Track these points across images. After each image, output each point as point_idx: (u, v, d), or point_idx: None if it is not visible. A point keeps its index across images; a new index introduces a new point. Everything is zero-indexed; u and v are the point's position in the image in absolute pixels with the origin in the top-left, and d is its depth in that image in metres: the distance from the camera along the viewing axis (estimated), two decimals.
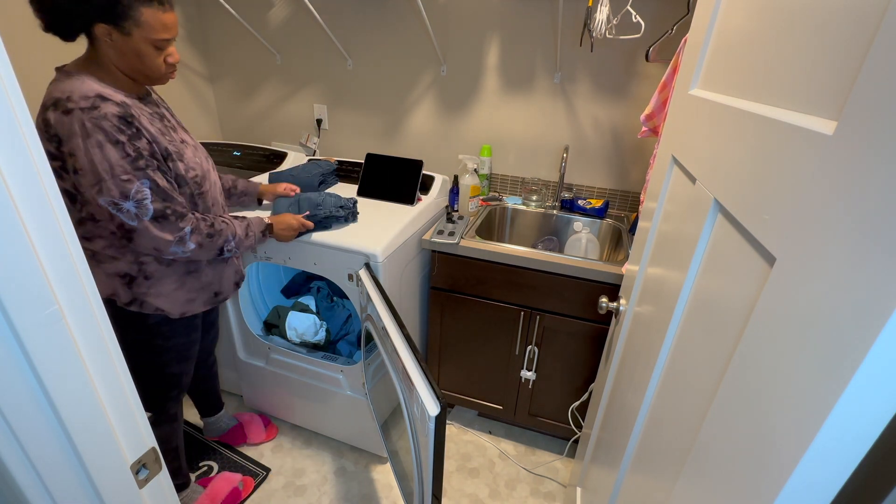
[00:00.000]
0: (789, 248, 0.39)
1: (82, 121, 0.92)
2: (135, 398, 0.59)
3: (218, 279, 1.24)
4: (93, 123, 0.93)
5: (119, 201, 0.96)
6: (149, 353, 1.21)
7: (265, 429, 1.78)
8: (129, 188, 0.96)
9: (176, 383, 1.30)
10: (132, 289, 1.10)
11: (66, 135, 0.92)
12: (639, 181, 1.77)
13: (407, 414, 0.99)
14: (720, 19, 0.69)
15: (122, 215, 0.98)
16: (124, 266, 1.07)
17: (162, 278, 1.12)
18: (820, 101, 0.39)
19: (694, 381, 0.59)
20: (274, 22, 1.98)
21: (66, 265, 0.47)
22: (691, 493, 0.53)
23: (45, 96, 0.95)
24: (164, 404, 1.30)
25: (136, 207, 0.98)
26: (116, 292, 1.09)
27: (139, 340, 1.17)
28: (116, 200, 0.96)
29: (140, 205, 0.98)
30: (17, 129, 0.41)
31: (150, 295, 1.11)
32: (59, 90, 0.94)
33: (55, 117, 0.92)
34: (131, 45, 0.96)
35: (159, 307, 1.13)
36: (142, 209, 0.98)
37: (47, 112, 0.93)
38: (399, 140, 2.05)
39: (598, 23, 1.33)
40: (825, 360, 0.33)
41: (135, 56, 0.98)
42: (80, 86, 0.94)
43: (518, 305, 1.54)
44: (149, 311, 1.12)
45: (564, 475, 1.70)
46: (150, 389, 1.26)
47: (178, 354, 1.26)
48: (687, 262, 0.65)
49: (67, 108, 0.92)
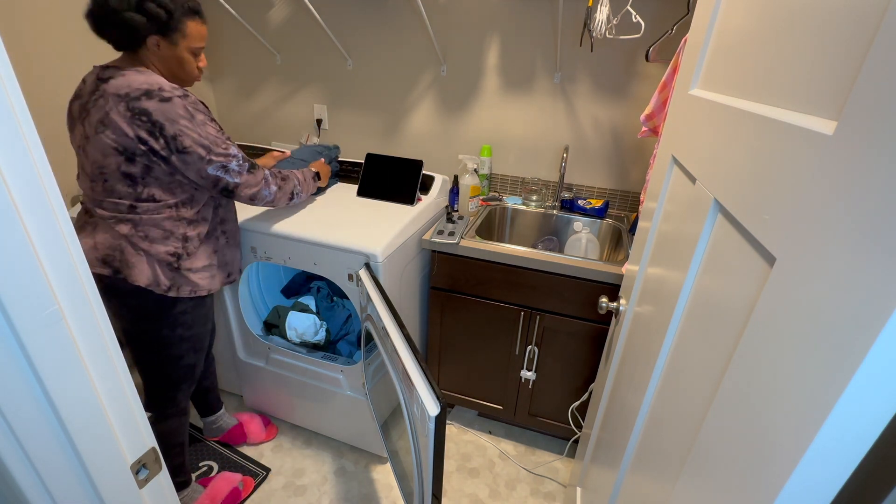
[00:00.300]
0: (789, 248, 0.39)
1: (185, 106, 1.06)
2: (135, 398, 0.59)
3: (232, 260, 1.33)
4: (192, 108, 1.07)
5: (227, 164, 1.13)
6: (171, 345, 1.25)
7: (265, 428, 1.78)
8: (229, 152, 1.14)
9: (190, 374, 1.34)
10: (178, 269, 1.17)
11: (171, 119, 1.04)
12: (639, 181, 1.77)
13: (407, 414, 0.99)
14: (720, 19, 0.69)
15: (228, 176, 1.14)
16: (172, 245, 1.15)
17: (199, 254, 1.21)
18: (820, 101, 0.39)
19: (694, 380, 0.59)
20: (274, 22, 1.98)
21: (66, 265, 0.47)
22: (691, 493, 0.53)
23: (120, 86, 1.03)
24: (175, 396, 1.34)
25: (238, 165, 1.16)
26: (157, 279, 1.15)
27: (164, 331, 1.23)
28: (225, 164, 1.13)
29: (240, 162, 1.17)
30: (17, 129, 0.41)
31: (191, 272, 1.20)
32: (142, 82, 1.03)
33: (154, 105, 1.02)
34: (176, 53, 1.10)
35: (193, 286, 1.21)
36: (242, 165, 1.17)
37: (140, 101, 1.02)
38: (399, 140, 2.05)
39: (598, 23, 1.33)
40: (825, 360, 0.33)
41: (176, 62, 1.12)
42: (160, 80, 1.06)
43: (518, 305, 1.54)
44: (184, 294, 1.20)
45: (564, 475, 1.70)
46: (165, 383, 1.30)
47: (196, 344, 1.31)
48: (687, 262, 0.65)
49: (165, 97, 1.03)
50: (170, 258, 1.15)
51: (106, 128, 1.03)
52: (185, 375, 1.33)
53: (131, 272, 1.12)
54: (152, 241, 1.13)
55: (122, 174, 1.06)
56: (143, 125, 1.02)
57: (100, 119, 1.04)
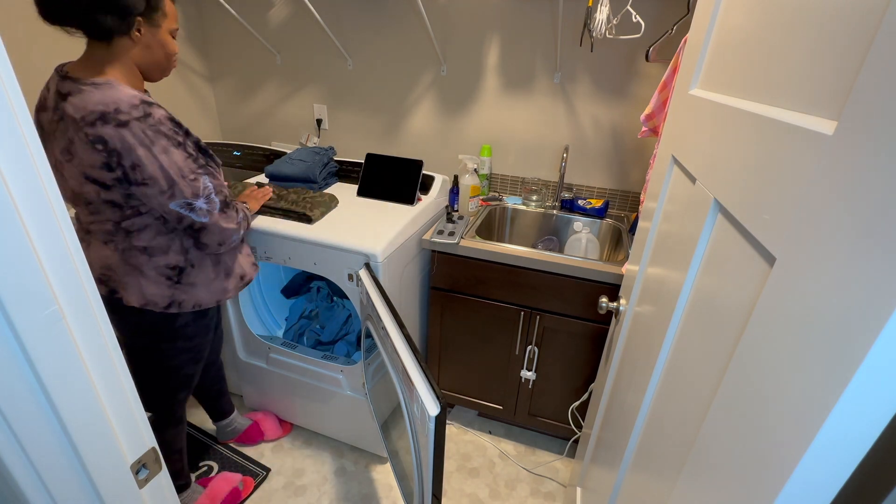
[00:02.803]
0: (789, 248, 0.39)
1: (143, 130, 0.91)
2: (135, 398, 0.59)
3: (237, 263, 1.24)
4: (153, 131, 0.92)
5: (192, 201, 0.98)
6: (170, 356, 1.21)
7: (280, 425, 1.79)
8: (198, 186, 0.99)
9: (187, 384, 1.31)
10: (179, 283, 1.09)
11: (128, 147, 0.90)
12: (639, 181, 1.77)
13: (407, 414, 0.99)
14: (720, 19, 0.69)
15: (193, 214, 1.00)
16: (173, 258, 1.07)
17: (203, 266, 1.12)
18: (820, 101, 0.39)
19: (694, 381, 0.59)
20: (274, 22, 1.98)
21: (66, 265, 0.47)
22: (691, 493, 0.53)
23: (77, 109, 0.90)
24: (172, 406, 1.31)
25: (207, 203, 1.01)
26: (152, 299, 1.07)
27: (163, 344, 1.17)
28: (189, 200, 0.98)
29: (209, 200, 1.01)
30: (18, 129, 0.41)
31: (196, 286, 1.12)
32: (97, 102, 0.90)
33: (110, 132, 0.89)
34: (159, 36, 0.98)
35: (198, 301, 1.13)
36: (211, 203, 1.02)
37: (95, 127, 0.89)
38: (399, 140, 2.05)
39: (598, 23, 1.33)
40: (825, 360, 0.33)
41: (160, 47, 0.99)
42: (119, 95, 0.91)
43: (518, 305, 1.54)
44: (186, 308, 1.12)
45: (564, 475, 1.70)
46: (162, 392, 1.26)
47: (195, 355, 1.27)
48: (687, 262, 0.65)
49: (122, 121, 0.90)
50: (170, 272, 1.08)
51: (73, 157, 0.92)
52: (183, 385, 1.29)
53: (125, 293, 1.05)
54: (151, 255, 1.05)
55: (103, 201, 0.97)
56: (100, 154, 0.91)
57: (65, 147, 0.93)
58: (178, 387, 1.29)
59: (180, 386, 1.29)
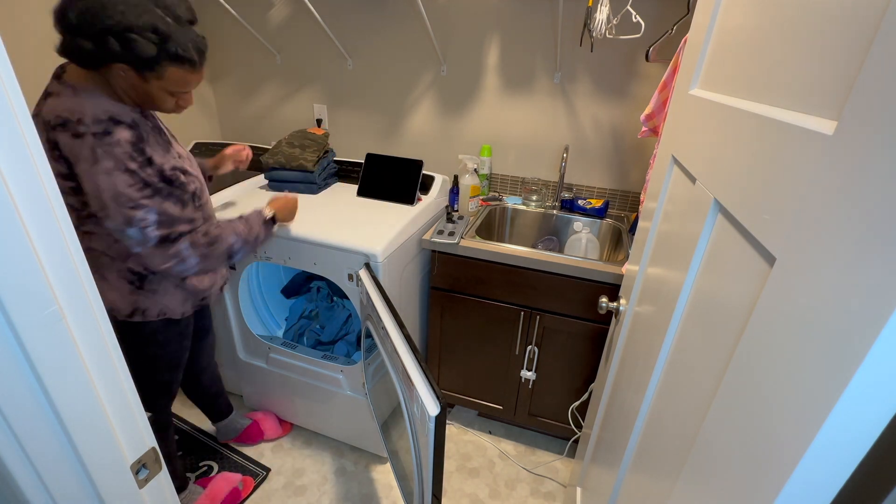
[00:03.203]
0: (789, 248, 0.39)
1: (93, 147, 0.89)
2: (135, 398, 0.59)
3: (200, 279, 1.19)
4: (104, 150, 0.89)
5: (124, 229, 0.95)
6: (141, 362, 1.18)
7: (280, 424, 1.79)
8: (132, 216, 0.94)
9: (167, 391, 1.29)
10: (142, 291, 1.07)
11: (76, 159, 0.89)
12: (639, 181, 1.76)
13: (407, 414, 0.99)
14: (720, 19, 0.69)
15: (125, 239, 0.98)
16: (133, 264, 1.05)
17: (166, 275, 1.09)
18: (820, 101, 0.39)
19: (694, 380, 0.59)
20: (274, 22, 1.98)
21: (66, 265, 0.47)
22: (691, 493, 0.53)
23: (49, 111, 0.90)
24: (153, 412, 1.29)
25: (140, 234, 0.96)
26: (116, 306, 1.06)
27: (133, 350, 1.14)
28: (122, 229, 0.95)
29: (143, 233, 0.96)
30: (17, 129, 0.41)
31: (158, 293, 1.09)
32: (66, 109, 0.89)
33: (64, 140, 0.88)
34: (145, 88, 0.94)
35: (163, 309, 1.12)
36: (144, 236, 0.97)
37: (55, 132, 0.89)
38: (399, 140, 2.05)
39: (598, 23, 1.33)
40: (825, 360, 0.33)
41: (145, 95, 0.95)
42: (90, 106, 0.90)
43: (518, 305, 1.54)
44: (151, 317, 1.10)
45: (564, 475, 1.70)
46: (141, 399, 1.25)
47: (170, 362, 1.24)
48: (687, 262, 0.65)
49: (78, 132, 0.88)
50: (132, 276, 1.05)
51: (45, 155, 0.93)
52: (161, 392, 1.27)
53: None
54: (114, 258, 1.02)
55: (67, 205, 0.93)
56: (57, 159, 0.90)
57: None
58: (156, 393, 1.26)
59: (157, 392, 1.26)
